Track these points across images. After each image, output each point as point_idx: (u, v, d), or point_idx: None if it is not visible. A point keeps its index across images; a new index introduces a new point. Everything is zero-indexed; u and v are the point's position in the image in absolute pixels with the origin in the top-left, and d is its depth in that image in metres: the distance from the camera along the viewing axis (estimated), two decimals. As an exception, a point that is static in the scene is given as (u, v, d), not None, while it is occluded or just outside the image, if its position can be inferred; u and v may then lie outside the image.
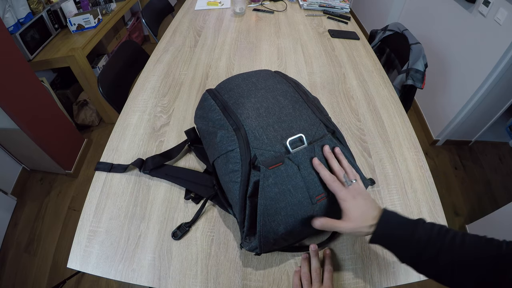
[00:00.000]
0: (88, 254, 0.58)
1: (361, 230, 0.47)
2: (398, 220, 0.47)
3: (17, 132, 1.41)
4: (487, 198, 1.68)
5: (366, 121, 0.87)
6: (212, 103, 0.64)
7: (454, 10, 1.70)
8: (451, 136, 1.88)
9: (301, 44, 1.21)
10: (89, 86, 1.79)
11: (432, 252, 0.42)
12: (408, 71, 1.06)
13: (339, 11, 1.45)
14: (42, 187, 1.74)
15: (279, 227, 0.50)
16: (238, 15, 1.43)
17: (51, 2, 1.73)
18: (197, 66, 1.07)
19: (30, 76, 1.43)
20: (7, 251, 1.46)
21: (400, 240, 0.45)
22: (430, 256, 0.42)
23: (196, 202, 0.66)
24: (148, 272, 0.56)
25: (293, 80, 0.70)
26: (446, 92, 1.82)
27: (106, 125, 2.09)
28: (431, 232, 0.43)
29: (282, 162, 0.50)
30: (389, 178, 0.72)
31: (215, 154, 0.58)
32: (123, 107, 0.91)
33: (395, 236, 0.46)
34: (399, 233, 0.45)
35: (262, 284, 0.55)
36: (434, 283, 0.45)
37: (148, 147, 0.78)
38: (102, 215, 0.64)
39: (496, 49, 1.40)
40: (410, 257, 0.45)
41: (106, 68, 1.08)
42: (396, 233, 0.46)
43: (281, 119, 0.57)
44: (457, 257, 0.41)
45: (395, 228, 0.46)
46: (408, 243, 0.44)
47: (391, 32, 1.26)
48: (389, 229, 0.46)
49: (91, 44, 1.76)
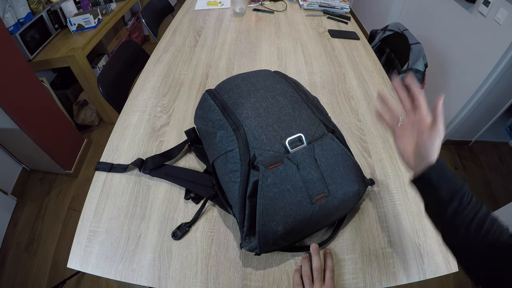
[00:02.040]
0: (88, 254, 0.58)
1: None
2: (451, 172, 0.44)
3: (17, 132, 1.41)
4: (487, 198, 1.68)
5: (366, 121, 0.87)
6: (211, 103, 0.64)
7: (454, 10, 1.70)
8: (451, 136, 1.88)
9: (301, 44, 1.21)
10: (89, 86, 1.79)
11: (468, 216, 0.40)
12: (408, 71, 1.06)
13: (339, 11, 1.45)
14: (42, 187, 1.74)
15: (279, 227, 0.50)
16: (238, 15, 1.43)
17: (51, 2, 1.73)
18: (197, 66, 1.07)
19: (30, 76, 1.43)
20: (7, 251, 1.46)
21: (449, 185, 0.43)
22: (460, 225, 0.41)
23: (196, 202, 0.66)
24: (148, 272, 0.56)
25: (292, 80, 0.70)
26: (446, 92, 1.81)
27: (106, 125, 2.09)
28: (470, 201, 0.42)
29: (281, 162, 0.51)
30: (389, 178, 0.72)
31: (215, 154, 0.58)
32: (123, 107, 0.91)
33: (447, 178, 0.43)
34: (452, 178, 0.43)
35: (262, 284, 0.55)
36: (434, 283, 0.45)
37: (148, 147, 0.78)
38: (102, 215, 0.64)
39: (496, 49, 1.40)
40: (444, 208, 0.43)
41: (106, 68, 1.08)
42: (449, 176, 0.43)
43: (281, 119, 0.57)
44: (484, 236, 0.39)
45: (450, 172, 0.44)
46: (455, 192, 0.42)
47: (391, 32, 1.26)
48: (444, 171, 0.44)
49: (91, 44, 1.76)
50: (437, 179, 0.44)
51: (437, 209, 0.45)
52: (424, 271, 0.57)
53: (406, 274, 0.57)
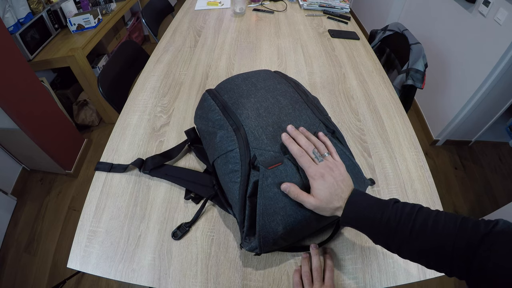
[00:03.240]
0: (88, 254, 0.58)
1: (326, 209, 0.46)
2: (367, 201, 0.45)
3: (17, 132, 1.41)
4: (487, 198, 1.68)
5: (366, 121, 0.87)
6: (212, 103, 0.64)
7: (454, 10, 1.70)
8: (451, 136, 1.88)
9: (301, 44, 1.21)
10: (89, 86, 1.79)
11: (403, 234, 0.40)
12: (408, 71, 1.06)
13: (339, 11, 1.45)
14: (42, 187, 1.74)
15: (279, 227, 0.50)
16: (238, 15, 1.43)
17: (51, 2, 1.73)
18: (197, 66, 1.07)
19: (30, 76, 1.43)
20: (7, 251, 1.46)
21: (369, 222, 0.43)
22: (402, 238, 0.40)
23: (196, 202, 0.66)
24: (148, 272, 0.56)
25: (293, 80, 0.70)
26: (446, 92, 1.82)
27: (106, 125, 2.09)
28: (402, 212, 0.41)
29: (281, 162, 0.50)
30: (389, 178, 0.72)
31: (215, 154, 0.58)
32: (123, 107, 0.91)
33: (364, 217, 0.43)
34: (368, 214, 0.43)
35: (262, 284, 0.55)
36: (434, 283, 0.45)
37: (148, 147, 0.78)
38: (102, 215, 0.64)
39: (496, 49, 1.40)
40: (381, 239, 0.43)
41: (106, 68, 1.08)
42: (364, 215, 0.43)
43: (281, 119, 0.57)
44: (429, 239, 0.38)
45: (364, 209, 0.43)
46: (378, 224, 0.42)
47: (391, 32, 1.26)
48: (357, 211, 0.44)
49: (91, 44, 1.76)
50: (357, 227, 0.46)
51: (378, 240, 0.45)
52: (424, 271, 0.57)
53: (406, 274, 0.57)
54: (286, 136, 0.50)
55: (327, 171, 0.47)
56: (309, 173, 0.47)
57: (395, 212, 0.42)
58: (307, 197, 0.46)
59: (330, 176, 0.46)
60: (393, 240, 0.41)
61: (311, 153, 0.48)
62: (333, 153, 0.51)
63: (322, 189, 0.46)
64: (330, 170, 0.47)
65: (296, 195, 0.47)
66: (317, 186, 0.46)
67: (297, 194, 0.47)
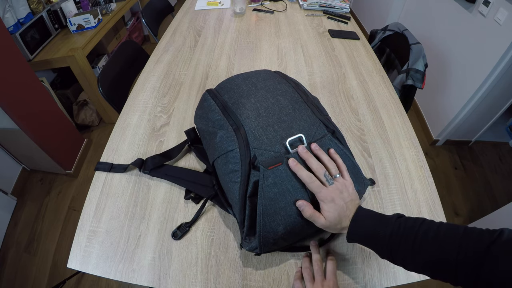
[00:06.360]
0: (88, 254, 0.58)
1: (335, 229, 0.48)
2: (371, 218, 0.47)
3: (17, 132, 1.41)
4: (487, 198, 1.68)
5: (366, 121, 0.87)
6: (212, 103, 0.64)
7: (454, 10, 1.70)
8: (451, 136, 1.88)
9: (301, 44, 1.21)
10: (89, 86, 1.79)
11: (406, 247, 0.42)
12: (408, 71, 1.06)
13: (339, 11, 1.45)
14: (42, 187, 1.74)
15: (279, 227, 0.50)
16: (238, 15, 1.43)
17: (51, 2, 1.73)
18: (197, 66, 1.07)
19: (30, 76, 1.43)
20: (7, 251, 1.46)
21: (373, 238, 0.45)
22: (405, 251, 0.42)
23: (196, 202, 0.66)
24: (148, 272, 0.56)
25: (293, 80, 0.70)
26: (446, 92, 1.82)
27: (106, 125, 2.09)
28: (404, 226, 0.43)
29: (282, 162, 0.50)
30: (389, 178, 0.72)
31: (215, 154, 0.58)
32: (123, 107, 0.91)
33: (368, 234, 0.46)
34: (372, 231, 0.45)
35: (262, 284, 0.55)
36: (434, 283, 0.45)
37: (148, 147, 0.78)
38: (102, 215, 0.64)
39: (496, 49, 1.40)
40: (386, 254, 0.45)
41: (106, 68, 1.08)
42: (368, 231, 0.46)
43: (281, 119, 0.57)
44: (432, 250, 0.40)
45: (368, 226, 0.46)
46: (381, 239, 0.44)
47: (391, 32, 1.26)
48: (361, 228, 0.47)
49: (91, 44, 1.76)
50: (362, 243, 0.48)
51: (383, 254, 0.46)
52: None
53: (406, 274, 0.57)
54: (294, 162, 0.50)
55: (336, 195, 0.48)
56: (319, 197, 0.49)
57: (398, 226, 0.44)
58: (318, 217, 0.48)
59: (340, 199, 0.48)
60: (397, 253, 0.43)
61: (322, 177, 0.49)
62: (344, 172, 0.52)
63: (332, 211, 0.47)
64: (340, 193, 0.48)
65: (310, 214, 0.49)
66: (328, 208, 0.48)
67: (311, 214, 0.49)
